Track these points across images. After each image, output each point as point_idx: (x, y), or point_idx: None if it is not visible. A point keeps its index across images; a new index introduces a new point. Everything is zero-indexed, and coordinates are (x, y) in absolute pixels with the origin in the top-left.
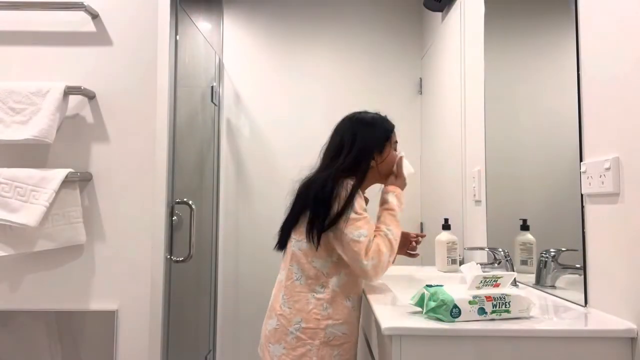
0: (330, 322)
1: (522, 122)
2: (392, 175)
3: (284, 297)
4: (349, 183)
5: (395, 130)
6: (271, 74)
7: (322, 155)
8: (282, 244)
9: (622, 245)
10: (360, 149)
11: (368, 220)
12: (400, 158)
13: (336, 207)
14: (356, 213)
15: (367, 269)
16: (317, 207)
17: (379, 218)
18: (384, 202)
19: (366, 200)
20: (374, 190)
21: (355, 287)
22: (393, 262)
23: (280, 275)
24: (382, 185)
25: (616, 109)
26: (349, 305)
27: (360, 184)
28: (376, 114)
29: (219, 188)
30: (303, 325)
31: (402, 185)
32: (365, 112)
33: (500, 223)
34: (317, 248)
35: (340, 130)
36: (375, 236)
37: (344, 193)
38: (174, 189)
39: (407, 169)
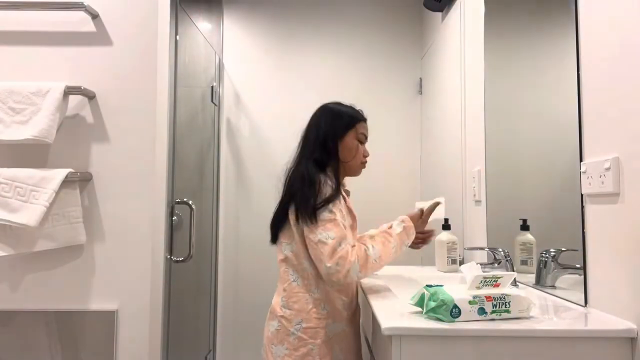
0: (330, 320)
1: (522, 122)
2: (418, 214)
3: (283, 299)
4: (326, 181)
5: (395, 129)
6: (271, 74)
7: (299, 145)
8: (274, 238)
9: (622, 245)
10: (325, 136)
11: (338, 224)
12: (436, 203)
13: (310, 207)
14: (329, 213)
15: (329, 272)
16: (297, 204)
17: (372, 236)
18: (389, 225)
19: (347, 193)
20: (357, 184)
21: (347, 286)
22: (368, 275)
23: (279, 277)
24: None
25: (616, 109)
26: (347, 300)
27: (335, 180)
28: (349, 106)
29: (219, 188)
30: (304, 325)
31: (420, 225)
32: (337, 103)
33: (500, 223)
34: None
35: (311, 120)
36: (353, 245)
37: (319, 190)
38: (174, 189)
39: (438, 214)
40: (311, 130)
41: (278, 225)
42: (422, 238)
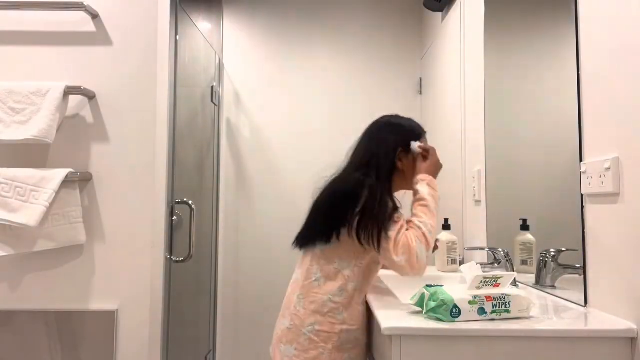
0: (344, 327)
1: (522, 122)
2: (422, 161)
3: (299, 296)
4: (378, 185)
5: None
6: (271, 74)
7: (349, 156)
8: (303, 242)
9: (622, 245)
10: (386, 151)
11: (394, 219)
12: (433, 148)
13: (366, 209)
14: (387, 214)
15: (401, 264)
16: (344, 209)
17: (412, 212)
18: (415, 193)
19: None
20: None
21: (367, 290)
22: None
23: (296, 274)
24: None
25: (616, 109)
26: (362, 310)
27: (386, 186)
28: (408, 118)
29: (219, 188)
30: (317, 327)
31: (434, 171)
32: (397, 116)
33: (500, 223)
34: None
35: (369, 132)
36: (407, 229)
37: (371, 194)
38: (174, 189)
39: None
40: (368, 142)
41: (317, 231)
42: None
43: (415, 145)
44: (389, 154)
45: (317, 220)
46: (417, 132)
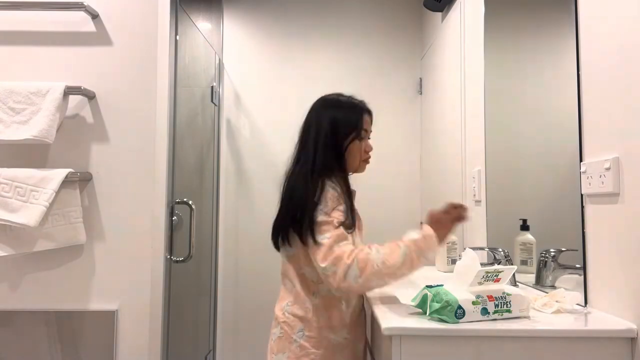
0: (329, 329)
1: (522, 122)
2: (443, 214)
3: (287, 304)
4: (326, 184)
5: (395, 129)
6: (271, 74)
7: (298, 144)
8: (276, 243)
9: (622, 245)
10: (328, 136)
11: (335, 225)
12: (461, 219)
13: (309, 212)
14: (325, 215)
15: (325, 273)
16: (295, 212)
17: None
18: (412, 235)
19: (353, 193)
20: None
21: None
22: (377, 287)
23: (283, 281)
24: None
25: (616, 109)
26: (347, 308)
27: (344, 184)
28: (348, 96)
29: (219, 188)
30: (306, 333)
31: (443, 235)
32: (338, 95)
33: (500, 223)
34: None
35: (310, 116)
36: (355, 249)
37: (316, 195)
38: (174, 189)
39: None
40: (311, 128)
41: (279, 232)
42: (455, 216)
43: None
44: (333, 139)
45: (279, 223)
46: (360, 110)
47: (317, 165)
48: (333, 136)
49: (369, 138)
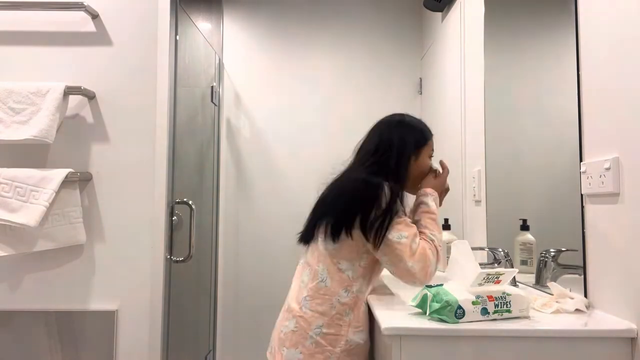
0: (351, 328)
1: (522, 122)
2: (432, 174)
3: (306, 298)
4: (390, 186)
5: None
6: (271, 74)
7: (357, 152)
8: (307, 237)
9: (622, 245)
10: (399, 151)
11: (408, 223)
12: (448, 171)
13: (378, 210)
14: (397, 216)
15: (414, 270)
16: (357, 208)
17: (418, 221)
18: (421, 203)
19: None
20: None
21: (368, 290)
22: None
23: (302, 275)
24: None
25: (616, 109)
26: (365, 310)
27: (399, 187)
28: (418, 119)
29: (219, 188)
30: (324, 330)
31: (441, 191)
32: (408, 115)
33: (500, 223)
34: (370, 241)
35: (378, 130)
36: (421, 239)
37: (384, 195)
38: (174, 189)
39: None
40: (379, 141)
41: (318, 224)
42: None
43: (439, 161)
44: (402, 155)
45: (325, 217)
46: (426, 135)
47: (381, 170)
48: (405, 152)
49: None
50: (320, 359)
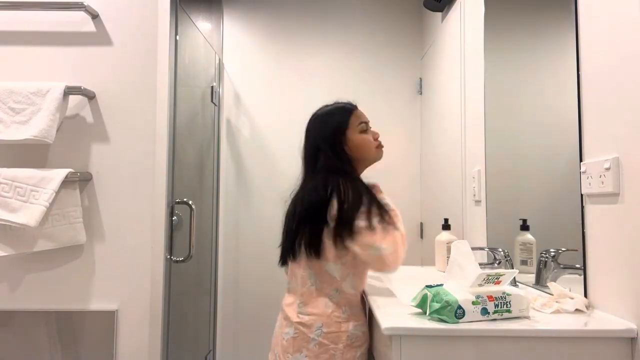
0: (351, 323)
1: (522, 122)
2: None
3: (300, 304)
4: (344, 179)
5: (395, 129)
6: (271, 74)
7: (303, 165)
8: (284, 260)
9: (622, 245)
10: (328, 145)
11: (372, 211)
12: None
13: (340, 207)
14: (362, 205)
15: (385, 253)
16: (321, 215)
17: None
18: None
19: (375, 187)
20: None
21: (362, 285)
22: None
23: (290, 283)
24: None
25: (616, 109)
26: (362, 305)
27: (354, 176)
28: (331, 104)
29: (219, 188)
30: (324, 330)
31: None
32: (321, 108)
33: (500, 223)
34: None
35: (305, 137)
36: (392, 230)
37: (340, 191)
38: (174, 189)
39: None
40: (310, 145)
41: (293, 245)
42: None
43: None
44: (333, 147)
45: (298, 234)
46: (344, 115)
47: (330, 172)
48: (333, 143)
49: (370, 127)
50: (325, 358)
